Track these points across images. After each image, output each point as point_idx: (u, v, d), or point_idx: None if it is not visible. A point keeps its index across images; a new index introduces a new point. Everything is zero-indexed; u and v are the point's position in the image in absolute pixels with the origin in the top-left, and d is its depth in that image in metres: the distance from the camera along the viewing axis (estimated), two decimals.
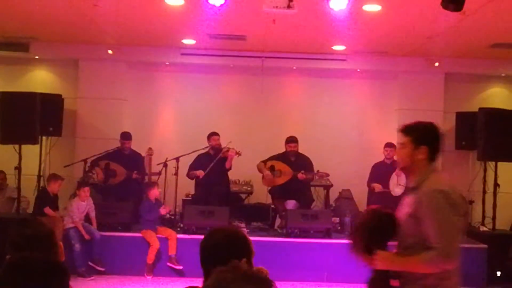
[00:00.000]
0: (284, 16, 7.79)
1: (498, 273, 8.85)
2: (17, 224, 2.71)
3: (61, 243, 2.69)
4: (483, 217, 9.87)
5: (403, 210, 3.57)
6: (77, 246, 8.51)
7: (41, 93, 9.68)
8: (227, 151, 9.63)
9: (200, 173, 9.59)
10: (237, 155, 9.63)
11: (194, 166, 9.76)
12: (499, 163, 9.68)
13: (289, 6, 6.69)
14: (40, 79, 11.22)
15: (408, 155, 3.64)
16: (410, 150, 3.64)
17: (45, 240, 2.62)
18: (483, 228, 9.70)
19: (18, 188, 9.39)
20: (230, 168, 9.81)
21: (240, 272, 1.85)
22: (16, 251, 2.49)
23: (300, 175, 9.44)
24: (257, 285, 1.79)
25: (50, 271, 1.93)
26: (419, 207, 3.42)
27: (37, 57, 11.03)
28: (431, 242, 3.31)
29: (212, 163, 9.55)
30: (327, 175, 9.71)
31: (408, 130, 3.75)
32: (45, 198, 9.06)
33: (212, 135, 9.83)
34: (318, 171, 9.58)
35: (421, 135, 3.70)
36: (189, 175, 9.79)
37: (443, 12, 6.41)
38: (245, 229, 9.44)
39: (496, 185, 9.64)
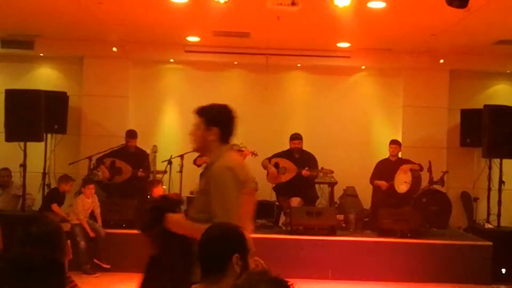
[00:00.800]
0: (288, 13, 7.79)
1: (503, 270, 8.84)
2: (25, 221, 2.71)
3: (68, 241, 2.68)
4: (488, 214, 9.85)
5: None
6: (82, 243, 8.54)
7: (45, 91, 9.70)
8: (242, 150, 9.56)
9: None
10: (253, 156, 9.58)
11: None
12: (504, 160, 9.66)
13: (293, 3, 6.69)
14: (45, 77, 11.23)
15: (200, 136, 3.74)
16: (202, 131, 3.73)
17: (52, 237, 2.61)
18: (488, 225, 9.69)
19: (23, 186, 9.42)
20: None
21: (268, 276, 1.93)
22: (21, 247, 2.49)
23: (305, 172, 9.45)
24: None
25: (46, 267, 1.93)
26: (208, 183, 3.56)
27: (41, 54, 11.04)
28: (213, 213, 3.43)
29: None
30: (331, 172, 9.70)
31: (201, 111, 3.84)
32: (54, 195, 9.17)
33: None
34: (322, 168, 9.58)
35: (213, 117, 3.78)
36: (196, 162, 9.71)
37: (448, 9, 6.40)
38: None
39: (501, 182, 9.62)
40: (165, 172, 9.77)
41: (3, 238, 7.03)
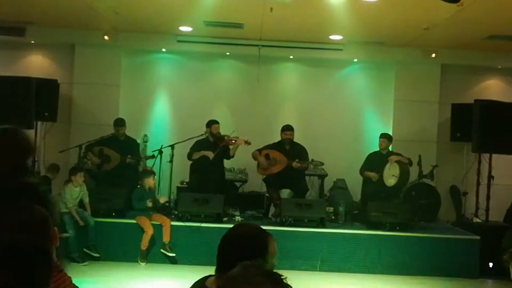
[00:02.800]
0: (281, 4, 7.78)
1: (491, 265, 8.90)
2: (12, 209, 2.70)
3: (55, 228, 2.67)
4: (477, 208, 9.90)
5: None
6: (71, 232, 8.51)
7: (36, 78, 9.65)
8: (235, 139, 9.55)
9: (210, 154, 9.53)
10: (246, 144, 9.56)
11: (196, 150, 9.69)
12: (494, 155, 9.70)
13: None
14: (36, 64, 11.17)
15: None
16: None
17: (39, 224, 2.60)
18: (476, 220, 9.74)
19: None
20: (232, 157, 9.79)
21: (263, 269, 1.90)
22: (4, 233, 2.48)
23: (295, 164, 9.45)
24: (277, 285, 1.83)
25: (33, 253, 1.93)
26: None
27: (33, 41, 10.98)
28: None
29: (218, 150, 9.54)
30: (322, 164, 9.72)
31: None
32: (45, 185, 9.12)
33: (213, 123, 9.79)
34: (313, 160, 9.60)
35: None
36: (192, 156, 9.68)
37: (441, 4, 6.41)
38: (239, 217, 9.49)
39: (490, 177, 9.66)
40: (153, 156, 9.73)
41: None
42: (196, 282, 2.75)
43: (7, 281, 1.80)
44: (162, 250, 8.70)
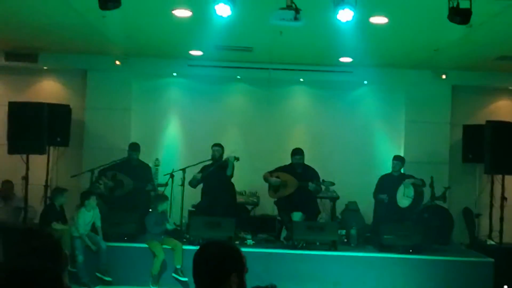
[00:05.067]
0: (291, 28, 7.82)
1: (505, 287, 8.80)
2: (24, 233, 2.73)
3: (66, 252, 2.69)
4: (490, 230, 9.84)
5: None
6: (81, 257, 8.50)
7: (49, 103, 9.72)
8: (227, 158, 9.67)
9: (198, 175, 9.65)
10: (235, 160, 9.64)
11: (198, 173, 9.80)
12: (506, 176, 9.65)
13: (295, 18, 6.71)
14: (48, 90, 11.28)
15: None
16: None
17: (51, 250, 2.63)
18: (490, 242, 9.67)
19: (25, 198, 9.41)
20: (231, 175, 9.79)
21: None
22: (18, 259, 2.50)
23: (311, 184, 9.42)
24: None
25: (45, 279, 1.94)
26: None
27: (45, 67, 11.10)
28: None
29: (211, 168, 9.58)
30: (333, 184, 9.65)
31: None
32: (49, 212, 9.12)
33: (212, 146, 9.87)
34: (323, 180, 9.55)
35: None
36: (191, 182, 9.78)
37: (450, 25, 6.42)
38: (251, 241, 9.46)
39: (503, 198, 9.60)
40: (166, 185, 9.77)
41: (4, 250, 7.02)
42: None
43: None
44: (173, 275, 8.67)
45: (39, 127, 9.23)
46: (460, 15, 6.21)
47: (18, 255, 2.61)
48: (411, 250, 8.98)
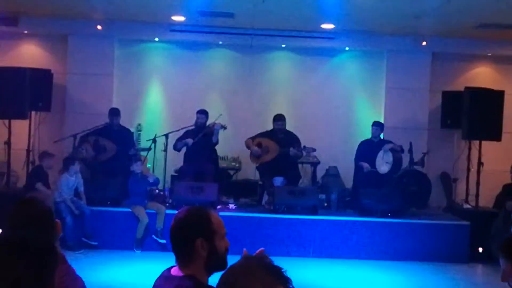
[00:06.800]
0: None
1: (480, 250, 9.05)
2: (16, 201, 2.76)
3: (58, 221, 2.75)
4: (467, 194, 10.03)
5: None
6: (68, 219, 8.58)
7: (30, 68, 9.67)
8: (213, 125, 9.71)
9: (190, 140, 9.66)
10: (222, 129, 9.70)
11: (181, 139, 9.83)
12: (483, 142, 9.83)
13: None
14: (29, 54, 11.17)
15: None
16: None
17: (43, 219, 2.66)
18: (466, 206, 9.88)
19: (8, 163, 9.45)
20: (217, 142, 9.85)
21: (265, 262, 1.92)
22: (13, 229, 2.53)
23: (292, 150, 9.49)
24: (278, 279, 1.88)
25: (39, 250, 1.95)
26: None
27: (26, 32, 10.98)
28: None
29: (200, 135, 9.63)
30: (314, 150, 9.74)
31: None
32: (39, 173, 9.20)
33: (197, 113, 9.89)
34: (304, 146, 9.64)
35: None
36: (176, 145, 9.83)
37: None
38: (233, 205, 9.60)
39: (480, 163, 9.80)
40: (149, 149, 9.83)
41: None
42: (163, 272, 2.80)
43: (19, 275, 1.86)
44: (154, 236, 8.79)
45: (21, 92, 9.20)
46: None
47: (11, 225, 2.64)
48: (389, 214, 9.18)
